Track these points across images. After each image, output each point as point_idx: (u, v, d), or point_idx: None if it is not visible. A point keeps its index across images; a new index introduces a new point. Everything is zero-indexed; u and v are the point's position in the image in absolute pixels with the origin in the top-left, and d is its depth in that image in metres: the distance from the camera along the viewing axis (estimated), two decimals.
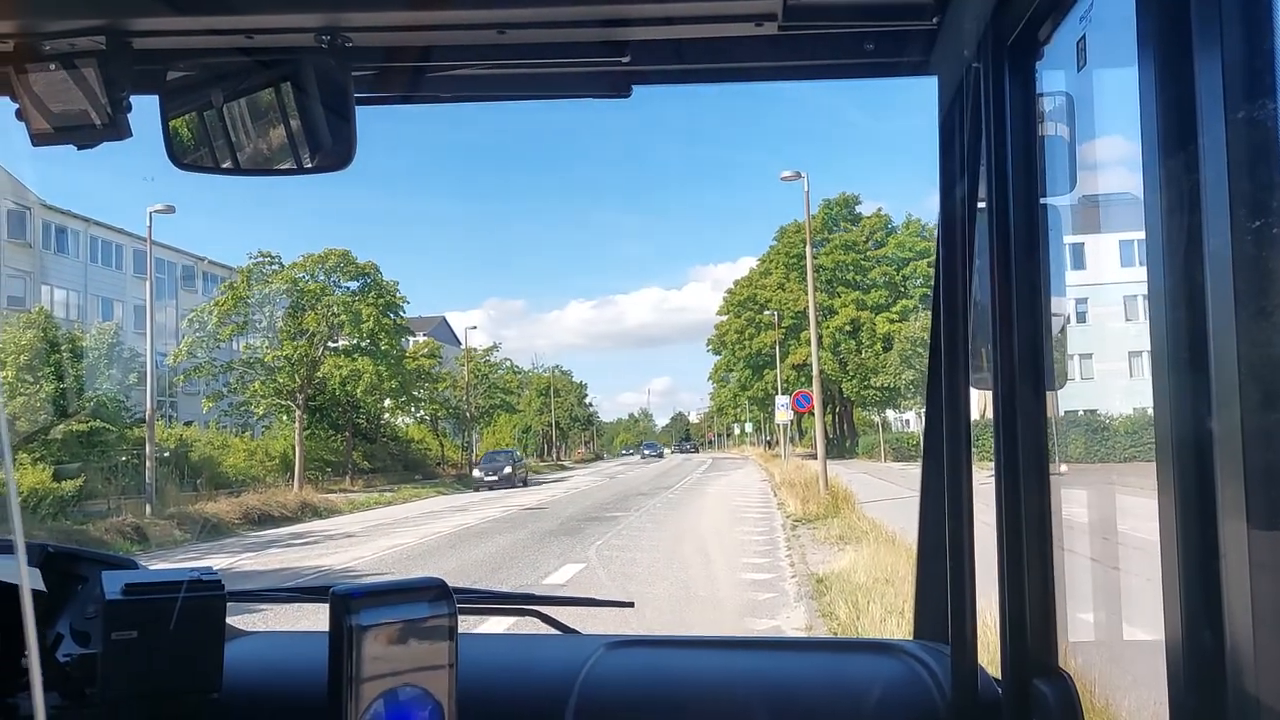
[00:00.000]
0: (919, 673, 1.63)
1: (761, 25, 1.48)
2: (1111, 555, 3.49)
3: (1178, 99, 0.88)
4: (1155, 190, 0.91)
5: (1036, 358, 1.39)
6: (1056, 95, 1.48)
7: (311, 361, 38.76)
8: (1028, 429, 1.38)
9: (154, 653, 1.30)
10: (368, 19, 1.46)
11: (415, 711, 1.14)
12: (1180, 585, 0.88)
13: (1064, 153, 1.50)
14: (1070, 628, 1.50)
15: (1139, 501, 3.54)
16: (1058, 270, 1.48)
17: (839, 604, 10.15)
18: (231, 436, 40.39)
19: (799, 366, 62.02)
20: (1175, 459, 0.89)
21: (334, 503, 31.91)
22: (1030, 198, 1.41)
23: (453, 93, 1.73)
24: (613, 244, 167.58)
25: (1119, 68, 1.12)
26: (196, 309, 40.15)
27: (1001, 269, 1.38)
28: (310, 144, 1.52)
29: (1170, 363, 0.90)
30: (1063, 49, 1.39)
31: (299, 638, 2.00)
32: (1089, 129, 1.51)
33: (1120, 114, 1.24)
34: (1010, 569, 1.37)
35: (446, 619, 1.17)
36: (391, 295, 41.58)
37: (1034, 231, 1.41)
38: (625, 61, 1.58)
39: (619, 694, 1.65)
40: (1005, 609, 1.37)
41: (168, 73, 1.52)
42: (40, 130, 1.48)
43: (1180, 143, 0.88)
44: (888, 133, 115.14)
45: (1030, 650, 1.37)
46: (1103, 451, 23.69)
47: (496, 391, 60.92)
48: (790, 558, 15.02)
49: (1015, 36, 1.38)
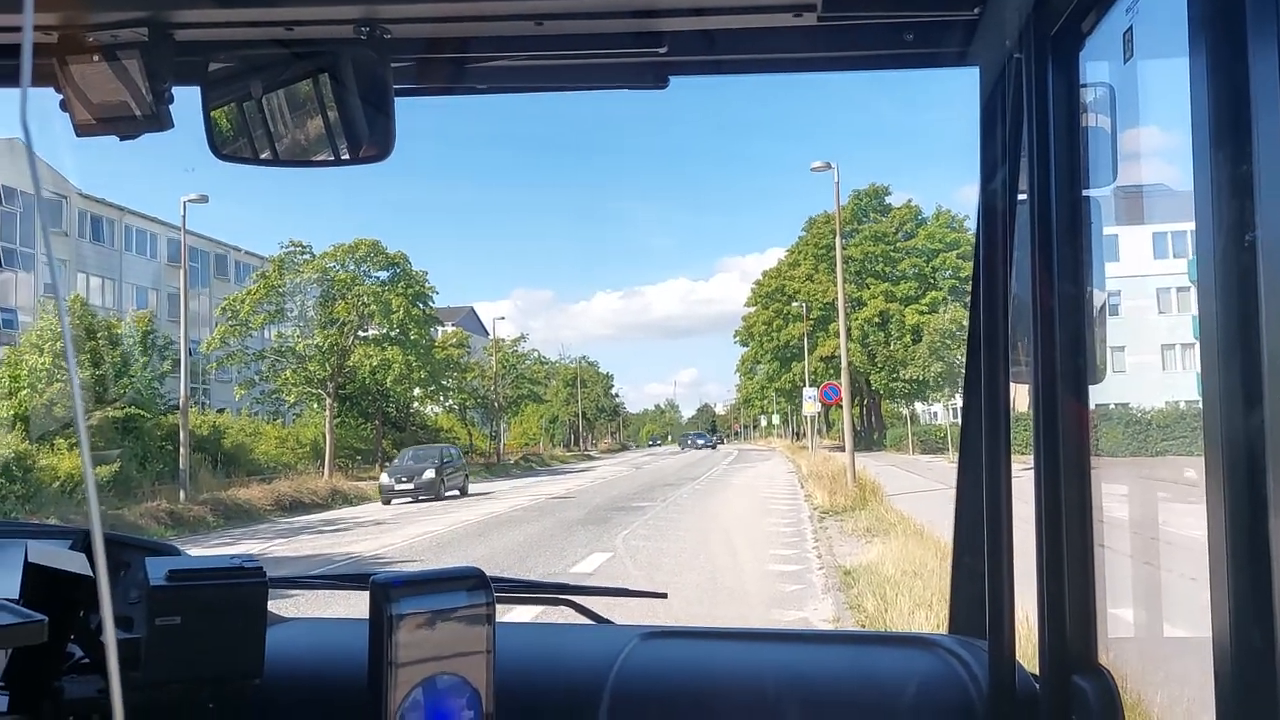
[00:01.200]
0: (955, 667, 1.62)
1: (800, 15, 1.46)
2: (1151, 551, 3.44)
3: (1230, 90, 0.87)
4: (1206, 182, 0.90)
5: (1078, 351, 1.38)
6: (1099, 86, 1.46)
7: (342, 350, 39.02)
8: (1068, 423, 1.37)
9: (197, 638, 1.31)
10: (406, 11, 1.46)
11: (453, 699, 1.16)
12: (1229, 582, 0.87)
13: (1106, 144, 1.47)
14: (1110, 624, 1.48)
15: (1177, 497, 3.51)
16: (1099, 263, 1.46)
17: (866, 596, 10.12)
18: (264, 424, 40.93)
19: (827, 358, 61.49)
20: (1224, 453, 0.88)
21: (363, 490, 32.18)
22: (1073, 189, 1.40)
23: (490, 84, 1.73)
24: (640, 235, 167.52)
25: (1166, 58, 1.11)
26: (229, 297, 40.42)
27: (1043, 261, 1.38)
28: (349, 135, 1.52)
29: (1221, 357, 0.89)
30: (1106, 39, 1.36)
31: (339, 624, 2.00)
32: (1132, 121, 1.49)
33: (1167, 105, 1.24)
34: (1049, 563, 1.36)
35: (484, 608, 1.18)
36: (420, 285, 41.86)
37: (1076, 223, 1.39)
38: (662, 52, 1.57)
39: (653, 684, 1.65)
40: (1044, 604, 1.36)
41: (209, 64, 1.52)
42: (84, 121, 1.50)
43: (1232, 134, 0.87)
44: (917, 125, 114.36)
45: (1069, 645, 1.36)
46: (1135, 445, 23.42)
47: (524, 381, 61.04)
48: (818, 549, 14.99)
49: (1058, 27, 1.36)
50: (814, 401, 38.45)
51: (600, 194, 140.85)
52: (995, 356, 1.55)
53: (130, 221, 48.66)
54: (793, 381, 66.29)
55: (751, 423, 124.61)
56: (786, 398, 73.68)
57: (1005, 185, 1.55)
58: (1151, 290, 27.57)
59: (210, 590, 1.32)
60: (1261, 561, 0.83)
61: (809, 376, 55.95)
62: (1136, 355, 29.59)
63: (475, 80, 1.70)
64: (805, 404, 40.22)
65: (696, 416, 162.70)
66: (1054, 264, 1.37)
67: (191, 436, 28.50)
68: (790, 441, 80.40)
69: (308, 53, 1.50)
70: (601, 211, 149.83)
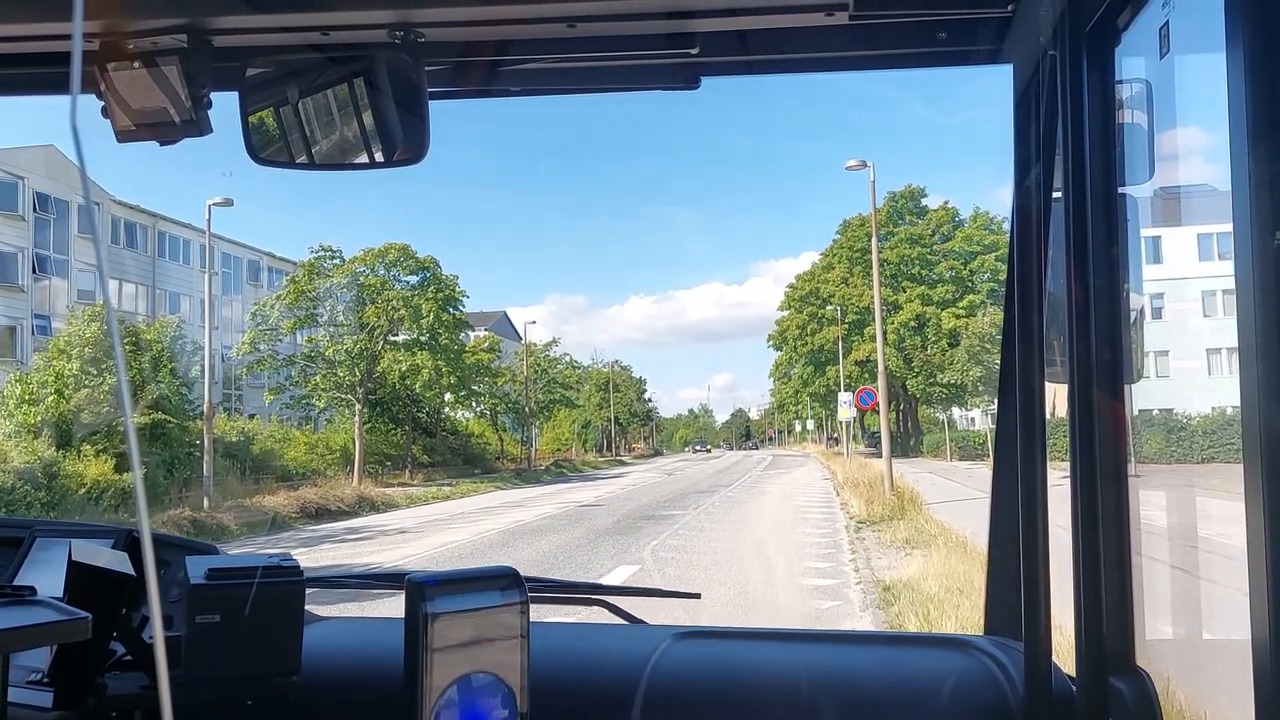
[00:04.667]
0: (990, 668, 1.61)
1: (832, 15, 1.45)
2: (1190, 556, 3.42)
3: (1270, 87, 0.87)
4: (1244, 181, 0.90)
5: (1115, 352, 1.38)
6: (1135, 83, 1.46)
7: (371, 356, 38.35)
8: (1105, 424, 1.36)
9: (235, 636, 1.34)
10: (440, 15, 1.48)
11: (488, 698, 1.16)
12: (1270, 585, 0.87)
13: (1143, 142, 1.48)
14: (1147, 626, 1.49)
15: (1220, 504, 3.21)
16: (1135, 262, 1.47)
17: (908, 615, 9.58)
18: (293, 429, 40.19)
19: (862, 362, 60.34)
20: (1264, 456, 0.88)
21: (391, 497, 31.49)
22: (1109, 188, 1.40)
23: (523, 86, 1.74)
24: (674, 239, 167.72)
25: (1204, 54, 1.11)
26: (259, 302, 40.04)
27: (1078, 260, 1.37)
28: (384, 139, 1.54)
29: (1260, 359, 0.89)
30: (1143, 35, 1.36)
31: (374, 624, 2.04)
32: (1169, 118, 1.49)
33: (1204, 102, 1.25)
34: (1086, 565, 1.35)
35: (519, 607, 1.19)
36: (451, 290, 41.19)
37: (1112, 222, 1.40)
38: (694, 53, 1.58)
39: (687, 684, 1.66)
40: (1081, 605, 1.35)
41: (246, 69, 1.54)
42: (124, 127, 1.52)
43: (1272, 132, 0.87)
44: (953, 125, 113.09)
45: (1106, 647, 1.36)
46: (1180, 452, 22.80)
47: (556, 386, 60.00)
48: (854, 562, 14.43)
49: (1094, 23, 1.36)
50: (849, 406, 37.78)
51: (633, 198, 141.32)
52: (1030, 356, 1.53)
53: (164, 228, 47.95)
54: (827, 386, 65.60)
55: (786, 428, 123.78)
56: (821, 402, 72.65)
57: (1040, 183, 1.53)
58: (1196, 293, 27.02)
59: (249, 589, 1.35)
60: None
61: (844, 381, 54.92)
62: (1181, 360, 29.02)
63: (508, 83, 1.71)
64: (840, 409, 39.51)
65: (730, 421, 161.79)
66: (1089, 262, 1.37)
67: (220, 443, 28.08)
68: (824, 447, 79.41)
69: (343, 57, 1.51)
70: (634, 215, 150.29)
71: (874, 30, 1.56)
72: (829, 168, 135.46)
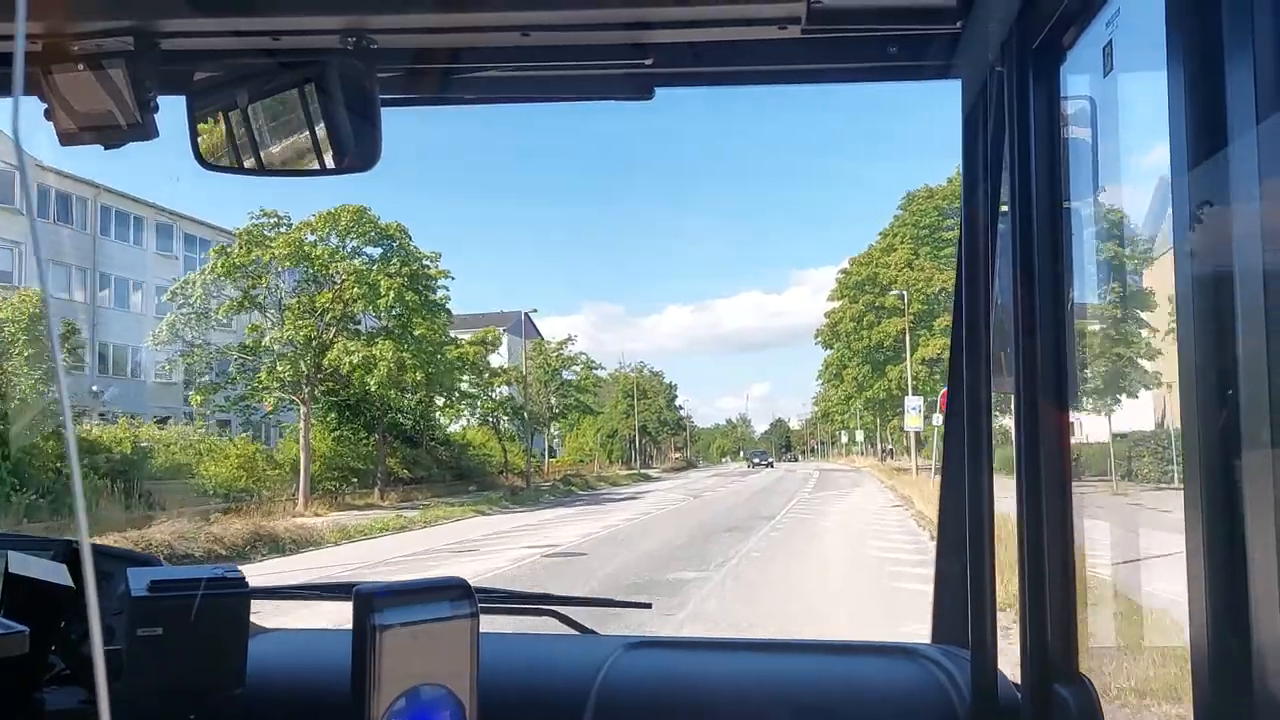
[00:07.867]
0: (937, 677, 1.63)
1: (785, 29, 1.47)
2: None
3: (1208, 104, 0.89)
4: (1184, 197, 0.92)
5: (1059, 362, 1.40)
6: (1080, 99, 1.49)
7: (322, 345, 30.15)
8: (1049, 433, 1.39)
9: (178, 649, 1.31)
10: (392, 21, 1.47)
11: (438, 710, 1.15)
12: (1205, 593, 0.89)
13: (1087, 157, 1.52)
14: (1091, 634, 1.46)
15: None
16: (1080, 274, 1.49)
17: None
18: (228, 439, 32.30)
19: (931, 361, 49.71)
20: (1202, 471, 0.90)
21: (320, 531, 22.38)
22: (1053, 201, 1.42)
23: (477, 95, 1.74)
24: (711, 248, 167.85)
25: (1146, 72, 1.15)
26: (181, 280, 31.90)
27: (1024, 272, 1.39)
28: (335, 145, 1.53)
29: (1198, 373, 0.91)
30: (1087, 53, 1.39)
31: (321, 635, 2.02)
32: (1113, 133, 1.53)
33: (1146, 118, 1.31)
34: (1031, 573, 1.38)
35: (468, 618, 1.18)
36: (420, 265, 32.35)
37: (1057, 235, 1.41)
38: (648, 64, 1.59)
39: (638, 694, 1.67)
40: (1026, 614, 1.38)
41: (194, 73, 1.53)
42: (67, 130, 1.50)
43: (1210, 149, 0.89)
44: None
45: (1051, 655, 1.38)
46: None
47: (571, 390, 51.23)
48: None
49: (1040, 40, 1.38)
50: (918, 413, 31.22)
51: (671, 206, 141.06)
52: (977, 367, 1.56)
53: (107, 200, 39.78)
54: (887, 389, 55.78)
55: (830, 439, 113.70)
56: (876, 409, 61.84)
57: (987, 196, 1.57)
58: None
59: (191, 600, 1.33)
60: (1238, 572, 0.85)
61: (910, 383, 46.58)
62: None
63: (461, 91, 1.71)
64: (908, 416, 33.40)
65: (770, 432, 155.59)
66: (1035, 275, 1.39)
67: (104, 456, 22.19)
68: (876, 460, 69.93)
69: (294, 63, 1.50)
70: (671, 225, 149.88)
71: (826, 44, 1.58)
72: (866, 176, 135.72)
